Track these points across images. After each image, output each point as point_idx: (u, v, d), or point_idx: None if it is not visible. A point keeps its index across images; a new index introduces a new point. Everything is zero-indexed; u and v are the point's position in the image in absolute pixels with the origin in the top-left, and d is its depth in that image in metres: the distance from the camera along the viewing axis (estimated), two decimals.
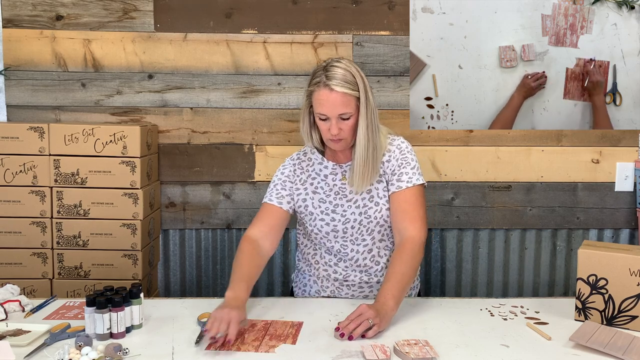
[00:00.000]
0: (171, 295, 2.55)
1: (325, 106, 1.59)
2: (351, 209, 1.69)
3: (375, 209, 1.69)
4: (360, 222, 1.69)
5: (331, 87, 1.57)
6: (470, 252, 2.58)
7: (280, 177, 1.76)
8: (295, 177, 1.75)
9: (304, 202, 1.72)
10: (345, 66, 1.61)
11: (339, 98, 1.58)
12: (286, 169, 1.77)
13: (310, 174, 1.74)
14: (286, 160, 1.79)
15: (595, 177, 2.52)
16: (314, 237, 1.75)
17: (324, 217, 1.70)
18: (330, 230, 1.70)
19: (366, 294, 1.76)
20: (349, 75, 1.60)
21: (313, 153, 1.76)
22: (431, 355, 1.31)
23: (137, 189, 2.19)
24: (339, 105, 1.58)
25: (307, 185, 1.74)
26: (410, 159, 1.71)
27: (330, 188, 1.72)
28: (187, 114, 2.47)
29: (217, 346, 1.37)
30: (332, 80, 1.58)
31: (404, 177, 1.68)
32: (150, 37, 2.43)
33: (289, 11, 2.44)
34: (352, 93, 1.59)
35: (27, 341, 1.38)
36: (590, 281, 1.53)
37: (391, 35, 2.45)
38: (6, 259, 2.20)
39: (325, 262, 1.75)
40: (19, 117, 2.43)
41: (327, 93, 1.58)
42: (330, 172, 1.73)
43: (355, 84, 1.60)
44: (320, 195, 1.72)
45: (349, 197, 1.70)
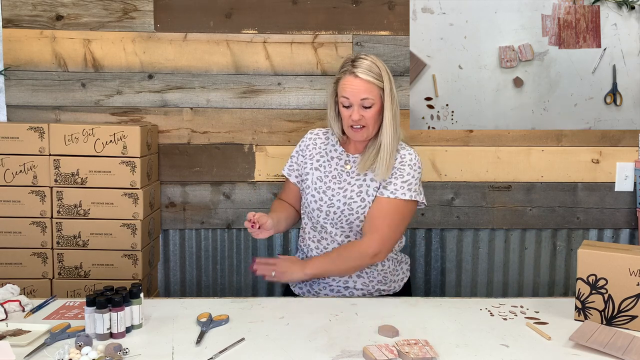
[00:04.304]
0: (171, 295, 2.55)
1: (349, 91, 1.71)
2: (339, 196, 1.79)
3: (360, 204, 1.77)
4: (342, 211, 1.79)
5: (356, 74, 1.70)
6: (470, 252, 2.58)
7: (297, 148, 1.95)
8: (308, 151, 1.90)
9: (307, 174, 1.88)
10: (372, 59, 1.74)
11: (362, 84, 1.70)
12: (303, 142, 1.94)
13: (320, 151, 1.88)
14: (307, 133, 1.95)
15: (595, 177, 2.52)
16: (305, 208, 1.89)
17: (315, 194, 1.83)
18: (316, 207, 1.83)
19: (345, 279, 1.82)
20: (375, 66, 1.72)
21: (333, 135, 1.89)
22: (431, 355, 1.31)
23: (137, 189, 2.19)
24: (362, 91, 1.70)
25: (314, 160, 1.88)
26: (406, 172, 1.76)
27: (330, 171, 1.84)
28: (187, 114, 2.47)
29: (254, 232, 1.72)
30: (357, 68, 1.71)
31: (390, 186, 1.76)
32: (150, 37, 2.43)
33: (289, 11, 2.44)
34: (375, 82, 1.71)
35: (27, 341, 1.39)
36: (590, 281, 1.54)
37: (391, 35, 2.45)
38: (6, 259, 2.20)
39: (309, 238, 1.88)
40: (19, 117, 2.43)
41: (351, 79, 1.71)
42: (337, 156, 1.85)
43: (380, 75, 1.72)
44: (320, 173, 1.85)
45: (342, 185, 1.81)
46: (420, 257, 2.57)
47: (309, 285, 1.87)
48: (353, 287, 1.82)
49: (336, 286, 1.82)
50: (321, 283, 1.84)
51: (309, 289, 1.87)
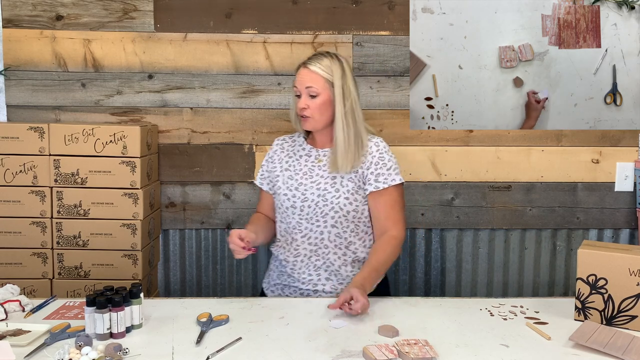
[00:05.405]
0: (171, 295, 2.56)
1: (297, 80, 1.82)
2: (312, 189, 1.82)
3: (335, 195, 1.80)
4: (317, 204, 1.81)
5: (306, 64, 1.81)
6: (470, 252, 2.58)
7: (266, 157, 1.99)
8: (276, 156, 1.95)
9: (277, 178, 1.90)
10: (330, 55, 1.83)
11: (308, 74, 1.80)
12: (271, 150, 1.99)
13: (288, 154, 1.93)
14: (275, 140, 2.00)
15: (595, 177, 2.52)
16: (277, 213, 1.91)
17: (287, 193, 1.85)
18: (289, 205, 1.84)
19: (315, 282, 1.82)
20: (327, 61, 1.81)
21: (299, 136, 1.96)
22: (431, 355, 1.31)
23: (137, 189, 2.19)
24: (307, 80, 1.79)
25: (282, 163, 1.92)
26: (387, 159, 1.84)
27: (301, 168, 1.87)
28: (187, 114, 2.47)
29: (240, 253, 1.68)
30: (310, 60, 1.82)
31: (381, 177, 1.81)
32: (150, 37, 2.43)
33: (289, 11, 2.44)
34: (321, 74, 1.79)
35: (27, 341, 1.39)
36: (590, 281, 1.54)
37: (391, 35, 2.45)
38: (6, 259, 2.20)
39: (285, 241, 1.88)
40: (19, 117, 2.43)
41: (301, 70, 1.82)
42: (306, 153, 1.90)
43: (329, 68, 1.79)
44: (290, 173, 1.88)
45: (314, 179, 1.84)
46: (420, 257, 2.57)
47: (280, 289, 1.89)
48: (322, 291, 1.83)
49: (305, 289, 1.84)
50: (291, 287, 1.86)
51: (280, 293, 1.89)
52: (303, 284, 1.84)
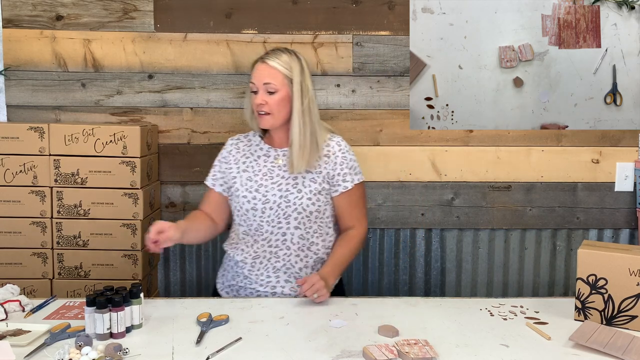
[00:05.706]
0: (171, 295, 2.55)
1: (255, 75, 1.77)
2: (273, 190, 1.79)
3: (297, 196, 1.78)
4: (279, 205, 1.78)
5: (265, 60, 1.77)
6: (470, 252, 2.58)
7: (219, 157, 1.92)
8: (231, 157, 1.89)
9: (234, 179, 1.85)
10: (289, 51, 1.80)
11: (267, 69, 1.75)
12: (225, 150, 1.92)
13: (245, 154, 1.88)
14: (227, 141, 1.95)
15: (595, 177, 2.53)
16: (236, 215, 1.86)
17: (247, 195, 1.80)
18: (250, 207, 1.79)
19: (273, 284, 1.81)
20: (286, 57, 1.77)
21: (254, 136, 1.91)
22: (431, 355, 1.31)
23: (137, 189, 2.19)
24: (265, 75, 1.75)
25: (239, 164, 1.86)
26: (349, 159, 1.85)
27: (260, 169, 1.83)
28: (187, 114, 2.47)
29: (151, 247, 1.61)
30: (268, 55, 1.78)
31: (348, 177, 1.83)
32: (150, 37, 2.43)
33: (289, 11, 2.44)
34: (281, 69, 1.75)
35: (27, 341, 1.39)
36: (590, 281, 1.54)
37: (391, 35, 2.45)
38: (6, 259, 2.20)
39: (244, 243, 1.84)
40: (19, 117, 2.43)
41: (259, 65, 1.78)
42: (264, 154, 1.86)
43: (289, 65, 1.76)
44: (249, 174, 1.83)
45: (275, 179, 1.80)
46: (420, 257, 2.57)
47: (236, 291, 1.87)
48: (281, 292, 1.81)
49: (263, 292, 1.82)
50: (248, 289, 1.84)
51: (236, 294, 1.87)
52: (261, 286, 1.81)
